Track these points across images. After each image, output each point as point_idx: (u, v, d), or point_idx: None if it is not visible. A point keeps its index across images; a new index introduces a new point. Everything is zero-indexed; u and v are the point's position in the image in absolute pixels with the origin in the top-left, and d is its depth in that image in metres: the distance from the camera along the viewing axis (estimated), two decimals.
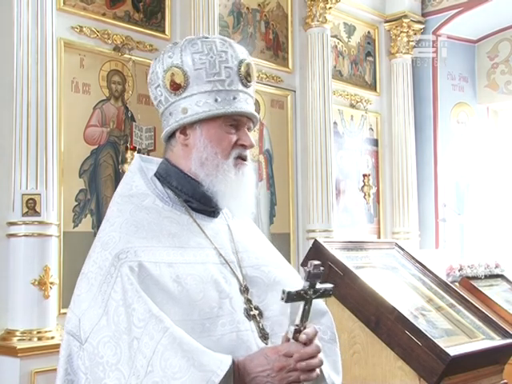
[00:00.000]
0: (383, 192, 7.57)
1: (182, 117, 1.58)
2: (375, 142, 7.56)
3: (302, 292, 1.41)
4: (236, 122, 1.58)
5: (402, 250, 3.56)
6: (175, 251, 1.49)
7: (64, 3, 4.77)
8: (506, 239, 7.80)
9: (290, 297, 1.39)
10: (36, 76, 4.13)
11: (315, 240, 3.16)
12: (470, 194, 7.88)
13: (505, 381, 3.08)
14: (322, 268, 1.42)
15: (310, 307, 1.43)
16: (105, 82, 5.00)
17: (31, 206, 4.08)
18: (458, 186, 7.82)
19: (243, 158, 1.59)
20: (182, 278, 1.44)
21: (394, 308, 2.80)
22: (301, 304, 1.42)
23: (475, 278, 4.62)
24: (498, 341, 3.09)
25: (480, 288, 4.47)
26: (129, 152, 4.83)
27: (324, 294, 1.45)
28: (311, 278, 1.41)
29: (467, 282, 4.53)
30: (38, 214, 4.08)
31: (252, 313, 1.52)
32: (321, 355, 1.44)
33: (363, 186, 7.04)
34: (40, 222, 4.10)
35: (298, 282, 1.64)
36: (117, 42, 5.06)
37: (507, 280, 4.75)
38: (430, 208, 7.66)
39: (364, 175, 7.08)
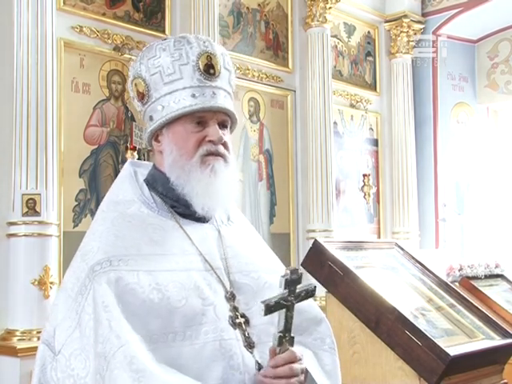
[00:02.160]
0: (383, 192, 7.57)
1: (151, 124, 1.58)
2: (375, 142, 7.56)
3: (281, 301, 1.37)
4: (202, 118, 1.53)
5: (402, 249, 3.56)
6: (156, 258, 1.45)
7: (64, 3, 4.77)
8: (506, 239, 7.79)
9: (269, 309, 1.36)
10: (36, 76, 4.13)
11: (315, 240, 3.16)
12: (469, 194, 7.88)
13: (505, 381, 3.08)
14: (300, 272, 1.39)
15: (293, 312, 1.39)
16: (105, 81, 5.00)
17: (31, 206, 4.08)
18: (458, 185, 7.82)
19: (214, 154, 1.53)
20: (163, 285, 1.41)
21: (394, 308, 2.80)
22: (281, 312, 1.38)
23: (475, 277, 4.62)
24: (497, 341, 3.09)
25: (480, 288, 4.46)
26: (129, 152, 4.83)
27: (307, 296, 1.42)
28: (289, 284, 1.38)
29: (467, 281, 4.53)
30: (37, 213, 4.08)
31: (238, 321, 1.47)
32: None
33: (363, 186, 7.04)
34: (40, 222, 4.10)
35: None
36: (117, 41, 5.06)
37: (507, 280, 4.74)
38: (430, 208, 7.66)
39: (364, 175, 7.07)
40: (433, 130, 7.77)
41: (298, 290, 1.40)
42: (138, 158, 4.85)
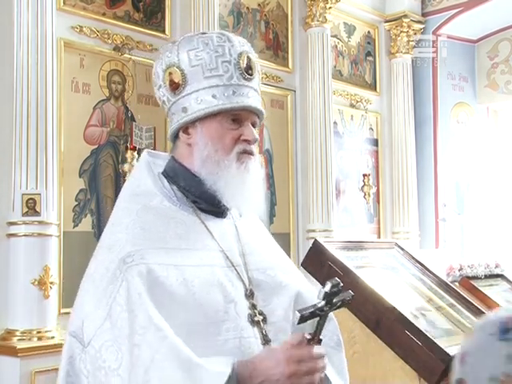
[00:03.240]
0: (383, 192, 7.57)
1: (183, 116, 1.55)
2: (375, 142, 7.56)
3: (316, 311, 1.37)
4: (237, 116, 1.54)
5: (402, 249, 3.56)
6: (182, 253, 1.46)
7: (64, 3, 4.77)
8: (506, 239, 7.79)
9: (304, 319, 1.35)
10: (36, 76, 4.13)
11: (315, 240, 3.16)
12: (470, 194, 7.88)
13: None
14: (341, 285, 1.39)
15: (325, 321, 1.40)
16: (105, 81, 5.00)
17: (31, 206, 4.08)
18: (458, 185, 7.82)
19: (248, 153, 1.55)
20: (189, 280, 1.42)
21: (394, 308, 2.80)
22: (315, 321, 1.38)
23: (475, 277, 4.62)
24: None
25: (480, 288, 4.46)
26: (129, 152, 4.83)
27: (342, 306, 1.42)
28: (328, 296, 1.38)
29: (467, 281, 4.53)
30: (38, 213, 4.08)
31: (256, 319, 1.48)
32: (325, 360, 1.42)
33: (363, 186, 7.04)
34: (40, 222, 4.10)
35: (304, 286, 1.62)
36: (117, 41, 5.06)
37: (507, 280, 4.74)
38: (430, 208, 7.66)
39: (364, 175, 7.07)
40: (433, 130, 7.77)
41: (334, 300, 1.39)
42: (138, 158, 4.84)
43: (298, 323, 1.36)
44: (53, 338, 4.04)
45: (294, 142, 6.49)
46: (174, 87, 1.56)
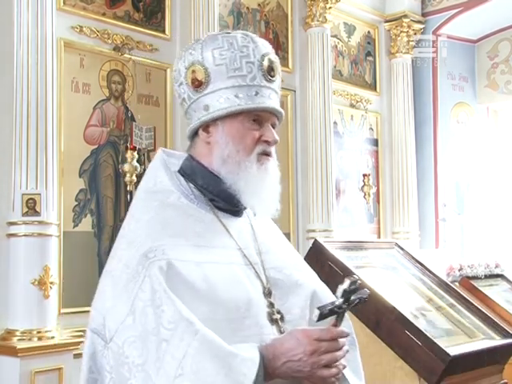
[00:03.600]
0: (383, 192, 7.57)
1: (204, 114, 1.55)
2: (375, 142, 7.56)
3: (335, 309, 1.38)
4: (259, 117, 1.54)
5: (402, 249, 3.56)
6: (202, 250, 1.46)
7: (64, 3, 4.77)
8: (506, 239, 7.79)
9: (323, 316, 1.37)
10: (36, 76, 4.13)
11: (315, 240, 3.16)
12: (470, 194, 7.88)
13: (505, 381, 3.08)
14: (359, 283, 1.39)
15: (343, 318, 1.41)
16: (105, 81, 5.00)
17: (31, 206, 4.08)
18: (458, 186, 7.82)
19: (267, 154, 1.56)
20: (210, 277, 1.42)
21: (394, 308, 2.80)
22: (332, 318, 1.40)
23: (475, 277, 4.62)
24: (497, 341, 3.09)
25: (480, 288, 4.46)
26: (129, 152, 4.83)
27: (359, 303, 1.43)
28: (347, 294, 1.39)
29: (467, 281, 4.53)
30: (38, 213, 4.08)
31: (274, 317, 1.49)
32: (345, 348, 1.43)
33: (363, 186, 7.04)
34: (40, 222, 4.10)
35: (319, 286, 1.63)
36: (117, 41, 5.06)
37: (507, 280, 4.74)
38: (430, 208, 7.66)
39: (364, 175, 7.07)
40: (433, 130, 7.77)
41: (352, 298, 1.40)
42: (138, 158, 4.85)
43: (318, 320, 1.36)
44: (53, 338, 4.04)
45: (294, 142, 6.49)
46: (197, 85, 1.55)
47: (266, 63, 1.55)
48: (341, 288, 1.39)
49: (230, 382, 1.30)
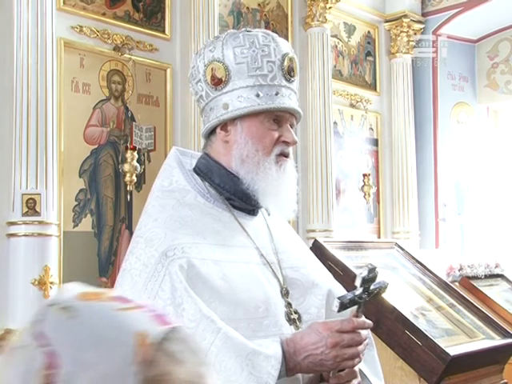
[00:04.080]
0: (383, 192, 7.56)
1: (223, 112, 1.53)
2: (375, 142, 7.55)
3: (356, 298, 1.37)
4: (278, 117, 1.54)
5: (402, 249, 3.56)
6: (220, 249, 1.45)
7: (64, 3, 4.76)
8: (506, 239, 7.79)
9: (343, 306, 1.36)
10: (36, 76, 4.12)
11: (315, 240, 3.16)
12: (469, 194, 7.88)
13: (505, 381, 3.08)
14: (376, 271, 1.40)
15: (364, 308, 1.40)
16: (105, 81, 4.99)
17: (31, 206, 4.07)
18: (457, 186, 7.82)
19: (285, 155, 1.56)
20: (229, 276, 1.41)
21: (394, 308, 2.80)
22: (353, 309, 1.39)
23: (475, 277, 4.62)
24: (497, 341, 3.09)
25: (480, 288, 4.46)
26: (129, 152, 4.83)
27: (379, 293, 1.43)
28: (366, 282, 1.38)
29: (467, 281, 4.53)
30: (37, 213, 4.08)
31: (292, 317, 1.48)
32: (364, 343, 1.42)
33: (363, 186, 7.04)
34: (40, 222, 4.10)
35: (334, 285, 1.62)
36: (117, 41, 5.06)
37: (507, 280, 4.74)
38: (430, 208, 7.66)
39: (364, 175, 7.07)
40: (433, 130, 7.76)
41: (372, 287, 1.40)
42: (138, 158, 4.85)
43: (339, 311, 1.36)
44: None
45: None
46: (216, 83, 1.54)
47: (286, 63, 1.57)
48: (360, 276, 1.39)
49: (253, 381, 1.29)
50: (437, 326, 3.02)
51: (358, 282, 1.39)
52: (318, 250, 3.06)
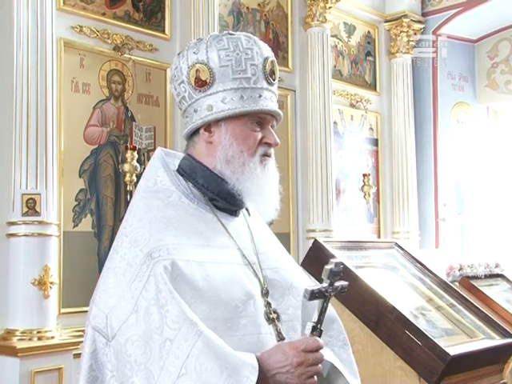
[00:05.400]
0: (383, 192, 7.57)
1: (207, 114, 1.56)
2: (375, 142, 7.56)
3: (323, 290, 1.43)
4: (261, 119, 1.57)
5: (402, 249, 3.56)
6: (204, 250, 1.48)
7: (64, 3, 4.77)
8: (506, 239, 7.79)
9: (313, 295, 1.42)
10: (36, 76, 4.13)
11: (315, 240, 3.15)
12: (469, 193, 7.88)
13: (505, 381, 3.08)
14: (341, 266, 1.45)
15: (328, 304, 1.45)
16: (105, 81, 5.00)
17: (31, 206, 4.07)
18: (457, 185, 7.82)
19: (268, 155, 1.59)
20: (211, 277, 1.44)
21: (394, 308, 2.80)
22: (319, 302, 1.44)
23: (475, 277, 4.61)
24: (498, 340, 3.09)
25: (480, 288, 4.45)
26: (129, 152, 4.83)
27: (341, 291, 1.47)
28: (332, 276, 1.44)
29: (467, 281, 4.52)
30: (37, 213, 4.08)
31: (271, 316, 1.52)
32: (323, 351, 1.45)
33: (363, 186, 7.04)
34: (40, 222, 4.10)
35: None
36: (117, 41, 5.06)
37: (507, 280, 4.73)
38: (430, 208, 7.66)
39: (364, 175, 7.07)
40: (433, 130, 7.77)
41: (336, 284, 1.45)
42: (138, 158, 4.86)
43: (309, 299, 1.42)
44: (53, 337, 4.04)
45: (294, 142, 6.49)
46: (200, 84, 1.56)
47: (268, 66, 1.58)
48: (327, 268, 1.45)
49: (232, 383, 1.31)
50: (437, 326, 3.01)
51: (324, 275, 1.45)
52: (317, 249, 3.06)
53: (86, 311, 1.53)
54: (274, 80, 1.60)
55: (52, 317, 4.13)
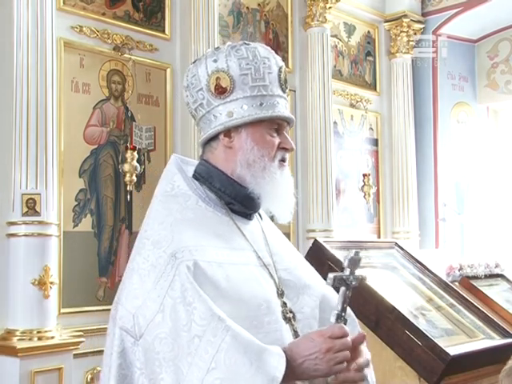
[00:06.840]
0: (383, 192, 7.57)
1: (228, 120, 1.61)
2: (375, 142, 7.56)
3: (344, 277, 1.49)
4: (278, 125, 1.64)
5: (402, 249, 3.56)
6: (222, 251, 1.54)
7: (64, 3, 4.77)
8: (506, 239, 7.79)
9: (336, 281, 1.48)
10: (36, 76, 4.12)
11: (315, 240, 3.16)
12: (469, 193, 7.88)
13: None
14: (360, 255, 1.51)
15: (351, 292, 1.50)
16: (105, 81, 4.99)
17: (31, 206, 4.07)
18: (457, 185, 7.82)
19: (285, 160, 1.66)
20: (232, 277, 1.50)
21: (394, 308, 2.80)
22: (341, 290, 1.50)
23: (475, 277, 4.61)
24: (498, 340, 3.10)
25: (480, 288, 4.45)
26: (129, 152, 4.83)
27: (362, 281, 1.53)
28: (352, 263, 1.50)
29: (467, 281, 4.52)
30: (37, 213, 4.07)
31: (288, 315, 1.57)
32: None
33: (363, 186, 7.04)
34: (40, 222, 4.09)
35: (326, 288, 1.69)
36: (117, 41, 5.06)
37: (507, 280, 4.74)
38: (430, 208, 7.66)
39: (364, 175, 7.07)
40: (433, 130, 7.76)
41: (356, 273, 1.51)
42: (138, 158, 4.85)
43: (332, 285, 1.49)
44: (53, 337, 4.04)
45: (294, 142, 6.47)
46: (220, 91, 1.62)
47: (282, 75, 1.66)
48: (348, 257, 1.51)
49: (261, 373, 1.36)
50: (437, 326, 3.02)
51: (345, 264, 1.51)
52: (318, 249, 3.06)
53: (86, 311, 1.55)
54: (286, 88, 1.69)
55: (52, 317, 4.13)
